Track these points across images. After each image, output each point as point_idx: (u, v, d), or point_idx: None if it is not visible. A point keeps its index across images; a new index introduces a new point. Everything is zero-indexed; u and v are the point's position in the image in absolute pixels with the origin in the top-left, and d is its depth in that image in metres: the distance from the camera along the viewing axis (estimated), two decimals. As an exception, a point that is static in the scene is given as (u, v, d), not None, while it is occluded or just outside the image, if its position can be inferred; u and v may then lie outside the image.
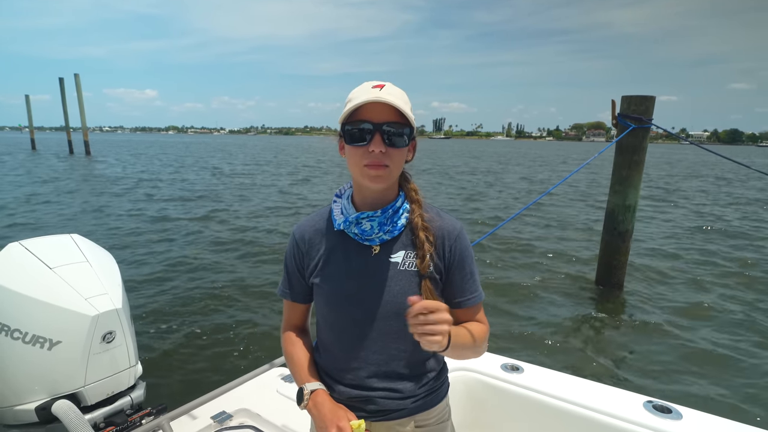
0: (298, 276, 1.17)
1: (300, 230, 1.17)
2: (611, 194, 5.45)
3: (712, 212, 12.67)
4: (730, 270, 7.15)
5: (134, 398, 2.00)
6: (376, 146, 0.98)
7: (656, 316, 5.21)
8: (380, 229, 1.08)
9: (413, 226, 1.09)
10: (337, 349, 1.14)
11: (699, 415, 1.61)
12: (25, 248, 1.92)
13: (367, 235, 1.08)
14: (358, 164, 1.02)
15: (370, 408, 1.11)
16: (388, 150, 1.00)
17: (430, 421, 1.17)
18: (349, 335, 1.11)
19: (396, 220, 1.09)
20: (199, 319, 4.94)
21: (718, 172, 29.65)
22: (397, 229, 1.09)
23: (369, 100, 0.96)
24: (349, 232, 1.10)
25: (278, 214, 11.45)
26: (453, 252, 1.10)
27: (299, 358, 1.16)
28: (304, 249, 1.15)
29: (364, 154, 1.00)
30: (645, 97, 5.03)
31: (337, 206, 1.14)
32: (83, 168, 24.09)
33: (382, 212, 1.08)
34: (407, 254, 1.09)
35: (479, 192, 16.54)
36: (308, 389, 1.08)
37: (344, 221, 1.09)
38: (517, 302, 5.61)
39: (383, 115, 0.99)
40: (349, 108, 0.99)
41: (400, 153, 1.03)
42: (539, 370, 1.94)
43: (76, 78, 31.84)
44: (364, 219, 1.07)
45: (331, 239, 1.13)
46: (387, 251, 1.09)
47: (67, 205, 12.05)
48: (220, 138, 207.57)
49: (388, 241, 1.09)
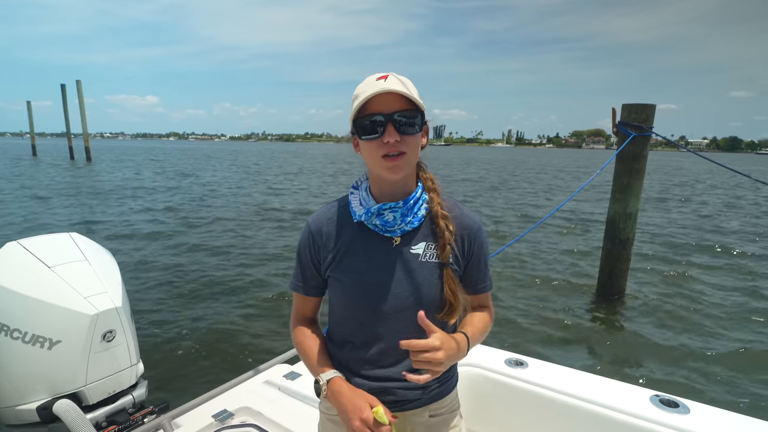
0: (313, 269, 1.15)
1: (316, 222, 1.15)
2: (612, 202, 5.45)
3: (711, 215, 12.69)
4: (733, 268, 7.20)
5: (136, 397, 1.99)
6: (390, 136, 0.99)
7: (660, 312, 5.25)
8: (402, 220, 1.07)
9: (433, 215, 1.10)
10: (356, 341, 1.13)
11: (707, 409, 1.59)
12: (23, 247, 1.92)
13: (389, 226, 1.08)
14: (374, 156, 1.02)
15: (388, 399, 1.11)
16: (402, 138, 1.00)
17: (443, 410, 1.19)
18: (370, 327, 1.11)
19: (416, 210, 1.09)
20: (200, 317, 4.95)
21: (716, 180, 29.70)
22: (417, 219, 1.09)
23: (376, 92, 0.97)
24: (369, 223, 1.09)
25: (278, 214, 11.47)
26: (472, 246, 1.13)
27: (311, 349, 1.15)
28: (320, 242, 1.13)
29: (380, 146, 1.00)
30: (645, 106, 5.04)
31: (355, 198, 1.13)
32: (83, 174, 24.13)
33: (404, 203, 1.07)
34: (428, 245, 1.09)
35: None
36: (324, 379, 1.08)
37: (365, 212, 1.08)
38: (522, 301, 5.65)
39: (392, 104, 0.99)
40: (357, 103, 1.00)
41: (414, 139, 1.03)
42: (543, 364, 1.94)
43: (77, 84, 32.01)
44: (387, 210, 1.07)
45: (350, 231, 1.11)
46: (408, 242, 1.09)
47: (65, 207, 12.06)
48: (220, 144, 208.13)
49: (409, 232, 1.09)
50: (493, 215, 12.56)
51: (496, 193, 18.73)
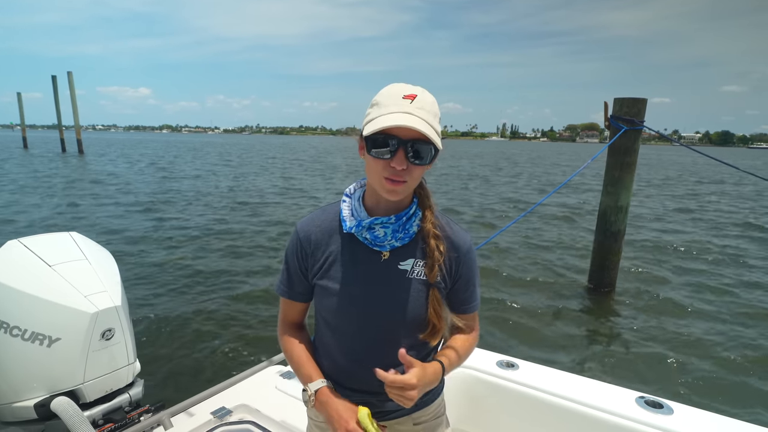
0: (300, 276, 1.14)
1: (305, 229, 1.12)
2: (603, 195, 5.51)
3: (702, 209, 12.81)
4: (721, 267, 7.27)
5: (133, 395, 2.01)
6: (398, 163, 0.96)
7: (648, 314, 5.29)
8: (393, 236, 1.06)
9: (424, 234, 1.08)
10: (338, 353, 1.13)
11: (689, 410, 1.65)
12: (24, 246, 1.92)
13: (378, 241, 1.06)
14: (377, 174, 0.99)
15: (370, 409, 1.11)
16: (409, 167, 0.97)
17: (427, 417, 1.20)
18: (353, 340, 1.11)
19: (408, 227, 1.07)
20: (197, 316, 4.96)
21: (710, 173, 29.94)
22: (409, 236, 1.07)
23: (397, 124, 0.93)
24: (359, 236, 1.07)
25: (277, 212, 11.46)
26: (461, 266, 1.11)
27: (299, 357, 1.15)
28: (308, 249, 1.11)
29: (385, 167, 0.97)
30: (637, 100, 5.09)
31: (347, 207, 1.11)
32: (75, 166, 23.92)
33: (396, 218, 1.06)
34: (416, 262, 1.08)
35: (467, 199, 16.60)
36: (311, 390, 1.07)
37: (356, 225, 1.06)
38: (512, 301, 5.66)
39: (411, 131, 0.94)
40: (375, 126, 0.95)
41: (420, 170, 1.01)
42: (534, 366, 1.97)
43: (69, 76, 31.61)
44: (378, 225, 1.05)
45: (339, 241, 1.10)
46: (396, 258, 1.08)
47: (57, 204, 11.97)
48: (214, 137, 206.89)
49: (398, 248, 1.08)
50: (481, 208, 12.60)
51: (483, 186, 18.77)
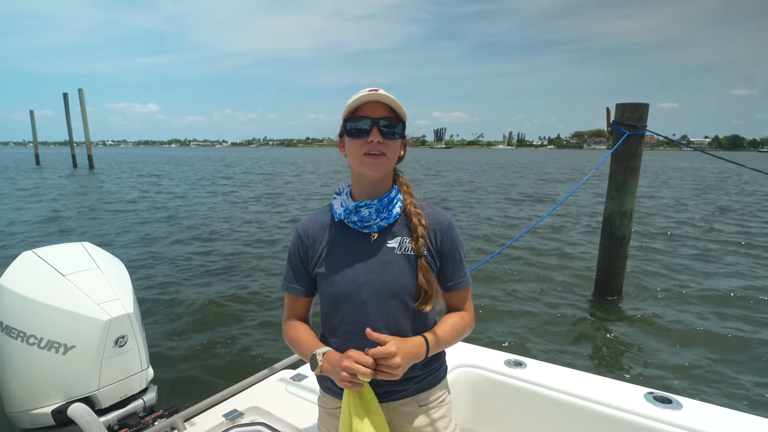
0: (302, 270, 1.26)
1: (303, 226, 1.28)
2: (608, 200, 5.50)
3: (708, 212, 12.70)
4: (728, 266, 7.23)
5: (146, 401, 2.05)
6: (374, 137, 1.13)
7: (656, 312, 5.28)
8: (377, 215, 1.20)
9: (407, 213, 1.22)
10: (342, 332, 1.22)
11: (699, 405, 1.65)
12: (38, 256, 1.98)
13: (365, 221, 1.20)
14: (357, 154, 1.15)
15: (376, 390, 1.18)
16: (384, 141, 1.14)
17: (432, 401, 1.27)
18: (353, 317, 1.20)
19: (391, 208, 1.21)
20: (209, 321, 5.02)
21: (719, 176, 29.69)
22: (393, 216, 1.21)
23: (369, 98, 1.13)
24: (348, 221, 1.21)
25: (287, 216, 11.55)
26: (444, 241, 1.23)
27: (304, 338, 1.24)
28: (307, 242, 1.25)
29: (363, 145, 1.14)
30: (639, 105, 5.10)
31: (337, 201, 1.27)
32: (87, 181, 24.26)
33: (379, 201, 1.20)
34: (403, 239, 1.21)
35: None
36: (320, 353, 1.15)
37: (344, 210, 1.21)
38: (519, 302, 5.68)
39: (379, 112, 1.14)
40: (351, 103, 1.14)
41: (394, 144, 1.17)
42: (542, 365, 1.98)
43: (80, 93, 32.20)
44: (363, 207, 1.19)
45: (333, 231, 1.24)
46: (384, 237, 1.21)
47: (68, 216, 12.16)
48: (224, 151, 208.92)
49: (385, 228, 1.22)
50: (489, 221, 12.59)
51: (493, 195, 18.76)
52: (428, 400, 1.26)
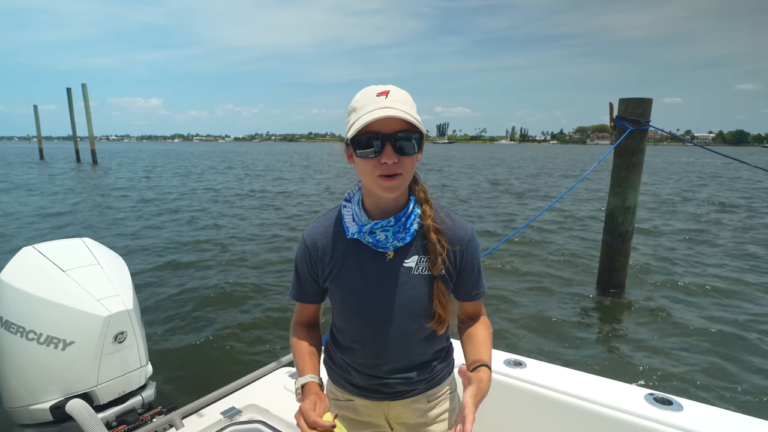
0: (311, 281, 1.18)
1: (311, 237, 1.16)
2: (611, 196, 5.47)
3: (708, 209, 12.63)
4: (731, 266, 7.17)
5: (145, 397, 2.04)
6: (387, 158, 0.97)
7: (657, 312, 5.23)
8: (394, 237, 1.08)
9: (425, 230, 1.10)
10: (356, 349, 1.19)
11: (700, 407, 1.63)
12: (38, 252, 1.98)
13: (381, 244, 1.09)
14: (371, 175, 1.01)
15: (387, 390, 1.20)
16: (399, 159, 0.98)
17: (441, 394, 1.28)
18: (368, 337, 1.16)
19: (408, 226, 1.09)
20: (207, 319, 5.02)
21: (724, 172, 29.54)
22: (410, 234, 1.09)
23: (378, 116, 0.94)
24: (362, 239, 1.10)
25: (284, 214, 11.56)
26: (465, 257, 1.14)
27: (302, 351, 1.19)
28: (316, 257, 1.15)
29: (376, 166, 0.99)
30: (642, 100, 5.06)
31: (348, 212, 1.13)
32: (90, 176, 24.32)
33: (396, 220, 1.08)
34: (420, 259, 1.11)
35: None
36: (299, 384, 1.09)
37: (358, 231, 1.09)
38: (520, 301, 5.65)
39: (392, 124, 0.97)
40: (359, 124, 0.96)
41: (411, 160, 1.01)
42: (542, 365, 1.96)
43: (83, 88, 32.21)
44: (378, 229, 1.08)
45: (344, 246, 1.13)
46: (401, 256, 1.11)
47: (69, 211, 12.19)
48: (227, 145, 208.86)
49: (402, 247, 1.10)
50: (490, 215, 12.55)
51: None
52: (437, 395, 1.27)
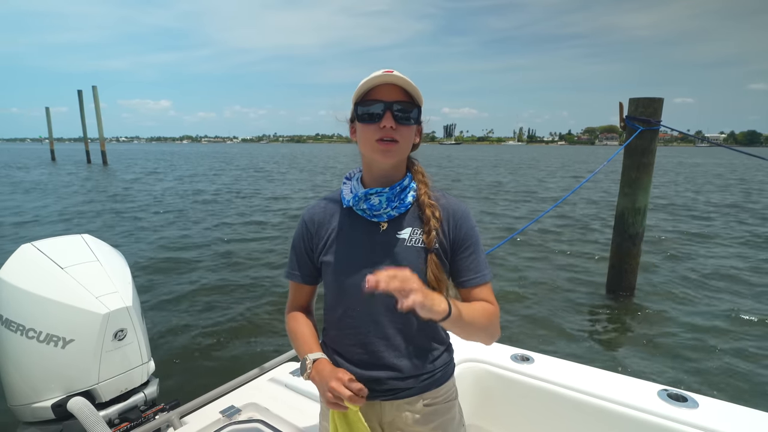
0: (306, 258, 1.21)
1: (309, 212, 1.22)
2: (621, 197, 5.40)
3: (713, 209, 12.47)
4: (742, 264, 7.08)
5: (147, 394, 2.02)
6: (387, 122, 1.06)
7: (669, 308, 5.19)
8: (388, 204, 1.13)
9: (420, 203, 1.14)
10: (345, 325, 1.17)
11: (716, 403, 1.57)
12: (37, 249, 1.96)
13: (375, 210, 1.13)
14: (370, 140, 1.08)
15: (380, 388, 1.14)
16: (398, 127, 1.07)
17: (438, 399, 1.20)
18: (357, 310, 1.14)
19: (403, 197, 1.14)
20: (209, 316, 5.03)
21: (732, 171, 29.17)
22: (404, 206, 1.14)
23: (382, 80, 1.05)
24: (357, 209, 1.15)
25: (286, 214, 11.57)
26: (458, 231, 1.15)
27: (303, 333, 1.19)
28: (313, 230, 1.19)
29: (376, 131, 1.07)
30: (652, 99, 4.99)
31: (347, 186, 1.20)
32: (100, 177, 24.57)
33: (390, 189, 1.13)
34: (414, 231, 1.13)
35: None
36: (311, 359, 1.11)
37: (353, 197, 1.14)
38: (528, 296, 5.63)
39: (393, 95, 1.06)
40: (363, 86, 1.07)
41: (408, 130, 1.10)
42: (550, 360, 1.91)
43: (94, 90, 32.60)
44: (373, 194, 1.12)
45: (340, 218, 1.18)
46: (394, 228, 1.14)
47: (76, 210, 12.30)
48: (236, 146, 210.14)
49: (396, 218, 1.14)
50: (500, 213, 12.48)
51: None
52: (434, 399, 1.19)
